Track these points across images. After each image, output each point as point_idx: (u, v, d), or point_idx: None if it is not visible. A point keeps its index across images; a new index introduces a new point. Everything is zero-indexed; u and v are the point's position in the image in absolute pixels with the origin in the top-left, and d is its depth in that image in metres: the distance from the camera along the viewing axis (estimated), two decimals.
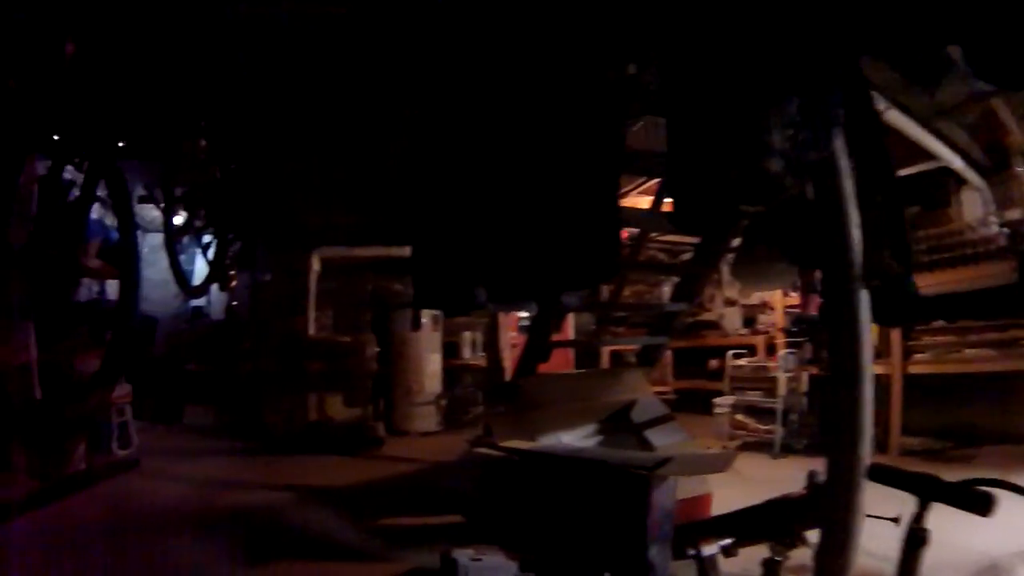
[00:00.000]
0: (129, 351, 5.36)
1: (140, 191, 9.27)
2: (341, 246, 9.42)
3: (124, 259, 5.68)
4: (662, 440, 5.30)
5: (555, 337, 6.55)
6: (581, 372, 8.70)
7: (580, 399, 5.54)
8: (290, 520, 5.54)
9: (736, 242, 5.39)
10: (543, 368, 5.90)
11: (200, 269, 10.92)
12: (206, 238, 9.21)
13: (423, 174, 4.09)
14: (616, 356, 10.29)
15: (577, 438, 5.13)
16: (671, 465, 3.14)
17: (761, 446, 7.40)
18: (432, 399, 10.01)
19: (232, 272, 9.68)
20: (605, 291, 7.56)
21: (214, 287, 10.20)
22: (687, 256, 8.37)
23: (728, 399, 8.19)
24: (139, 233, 8.40)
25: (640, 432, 5.30)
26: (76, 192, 6.51)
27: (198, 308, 12.77)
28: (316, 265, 9.25)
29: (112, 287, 8.22)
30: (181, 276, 7.73)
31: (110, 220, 9.12)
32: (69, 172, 6.61)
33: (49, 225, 6.18)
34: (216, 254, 8.99)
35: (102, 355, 5.82)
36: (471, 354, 10.66)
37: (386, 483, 7.01)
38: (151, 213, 10.47)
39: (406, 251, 7.91)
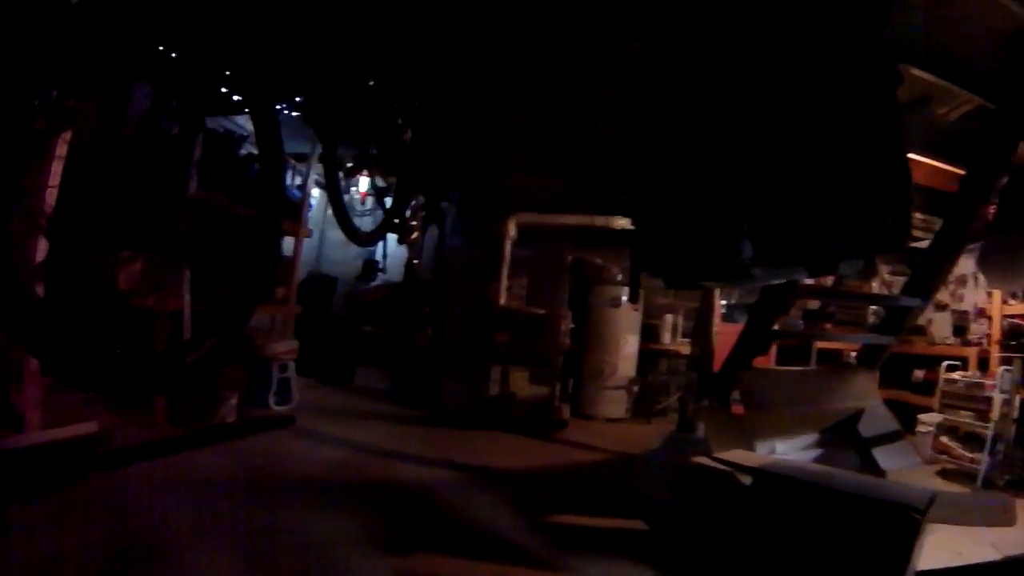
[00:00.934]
0: (249, 305, 4.67)
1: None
2: (541, 212, 8.50)
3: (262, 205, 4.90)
4: (892, 463, 4.74)
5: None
6: (804, 370, 7.39)
7: (802, 402, 4.98)
8: (447, 503, 4.73)
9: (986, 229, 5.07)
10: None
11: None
12: (381, 182, 8.40)
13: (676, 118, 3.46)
14: (823, 355, 9.13)
15: (794, 449, 4.63)
16: (946, 510, 2.84)
17: (962, 476, 6.12)
18: (624, 384, 9.07)
19: (413, 224, 8.78)
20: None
21: (392, 242, 9.50)
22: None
23: (934, 417, 6.77)
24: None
25: (867, 449, 4.75)
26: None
27: (371, 264, 11.86)
28: (512, 231, 8.36)
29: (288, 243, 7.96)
30: (345, 220, 6.73)
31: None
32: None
33: (216, 176, 6.18)
34: (395, 202, 8.01)
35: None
36: (671, 339, 9.56)
37: (563, 472, 6.17)
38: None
39: (613, 221, 7.72)
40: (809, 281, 5.63)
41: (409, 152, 7.33)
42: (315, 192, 10.98)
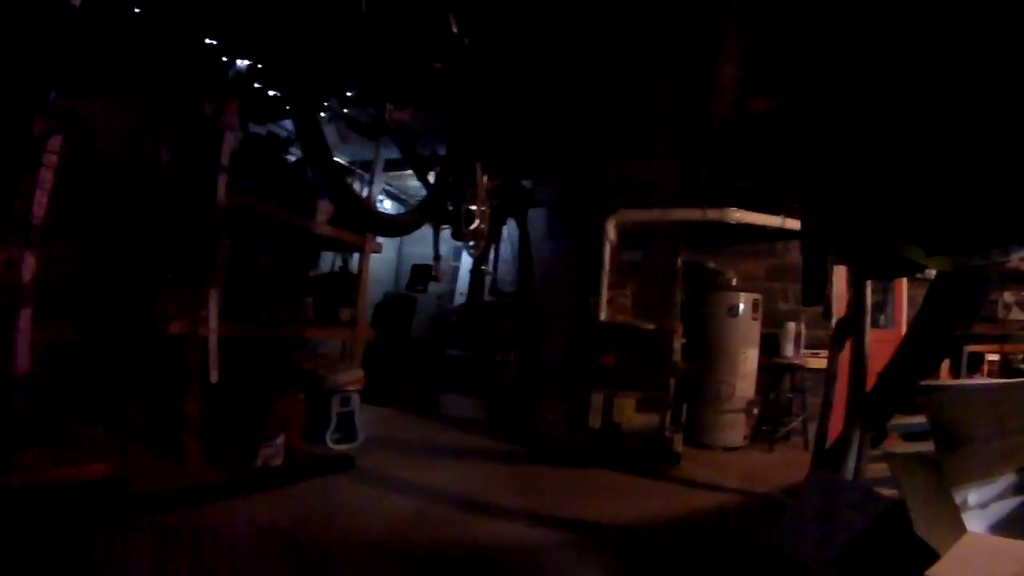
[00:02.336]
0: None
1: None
2: (646, 207, 7.34)
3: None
4: None
5: None
6: (1005, 384, 5.95)
7: (1010, 431, 3.60)
8: None
9: None
10: None
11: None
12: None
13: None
14: (974, 359, 7.78)
15: (991, 495, 3.49)
16: None
17: None
18: (743, 406, 7.86)
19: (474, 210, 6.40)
20: None
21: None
22: None
23: None
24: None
25: None
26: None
27: (422, 270, 9.24)
28: (612, 232, 7.23)
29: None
30: (338, 187, 4.39)
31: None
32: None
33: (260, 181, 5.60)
34: (439, 176, 5.43)
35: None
36: (793, 351, 8.22)
37: (685, 523, 4.94)
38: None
39: (729, 215, 7.20)
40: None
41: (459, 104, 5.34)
42: (387, 204, 10.05)
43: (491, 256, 7.85)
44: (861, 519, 2.97)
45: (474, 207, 5.89)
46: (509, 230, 8.03)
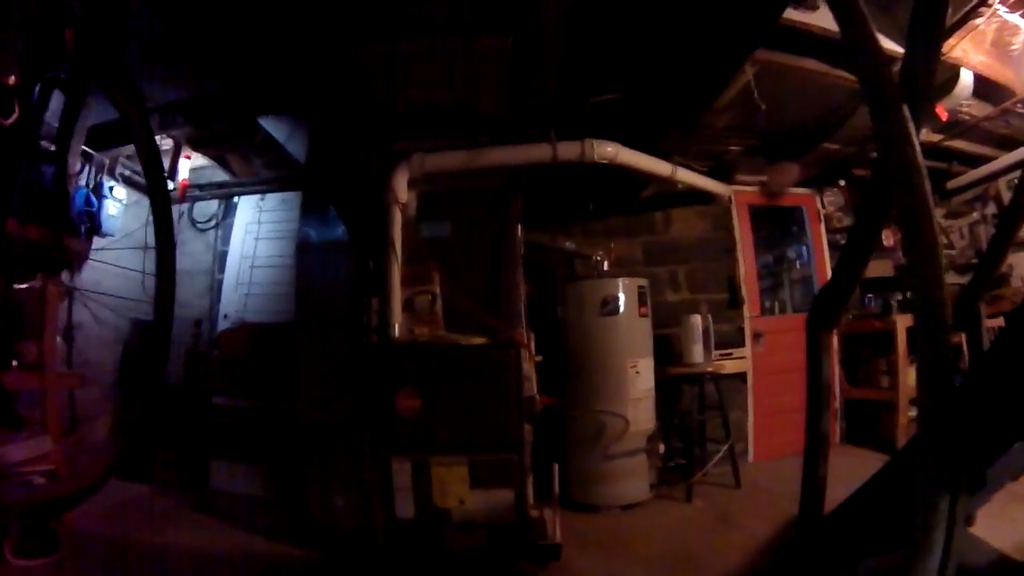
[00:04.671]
0: None
1: None
2: (452, 147, 4.74)
3: None
4: None
5: None
6: None
7: None
8: None
9: None
10: None
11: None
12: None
13: None
14: None
15: None
16: None
17: None
18: (642, 443, 5.43)
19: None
20: None
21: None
22: None
23: None
24: None
25: None
26: None
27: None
28: (403, 192, 4.57)
29: None
30: None
31: None
32: None
33: None
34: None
35: None
36: (703, 356, 5.91)
37: None
38: None
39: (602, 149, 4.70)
40: None
41: None
42: (122, 194, 6.88)
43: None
44: None
45: None
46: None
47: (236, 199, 7.47)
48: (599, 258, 5.65)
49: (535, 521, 3.96)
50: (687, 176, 5.73)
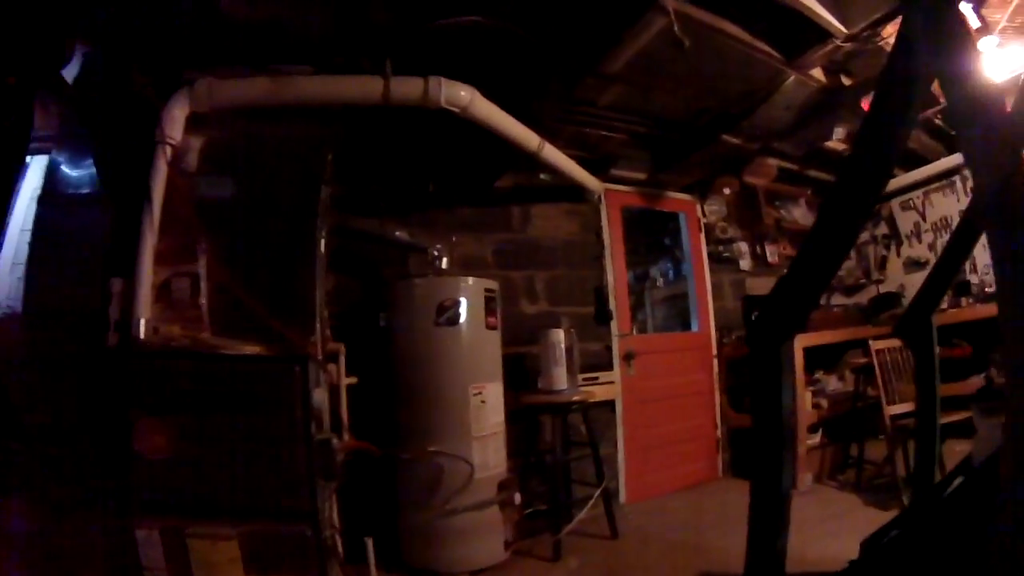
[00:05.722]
0: None
1: None
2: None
3: None
4: None
5: None
6: None
7: None
8: None
9: None
10: None
11: None
12: None
13: None
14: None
15: None
16: None
17: None
18: (492, 492, 4.17)
19: None
20: None
21: None
22: None
23: None
24: None
25: None
26: None
27: None
28: (179, 131, 3.29)
29: None
30: None
31: None
32: None
33: None
34: None
35: None
36: (567, 380, 4.79)
37: None
38: None
39: (452, 94, 3.66)
40: None
41: None
42: None
43: None
44: None
45: None
46: None
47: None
48: (437, 252, 4.41)
49: None
50: (555, 156, 4.62)
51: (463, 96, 3.61)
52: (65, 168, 3.41)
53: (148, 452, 2.68)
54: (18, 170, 3.29)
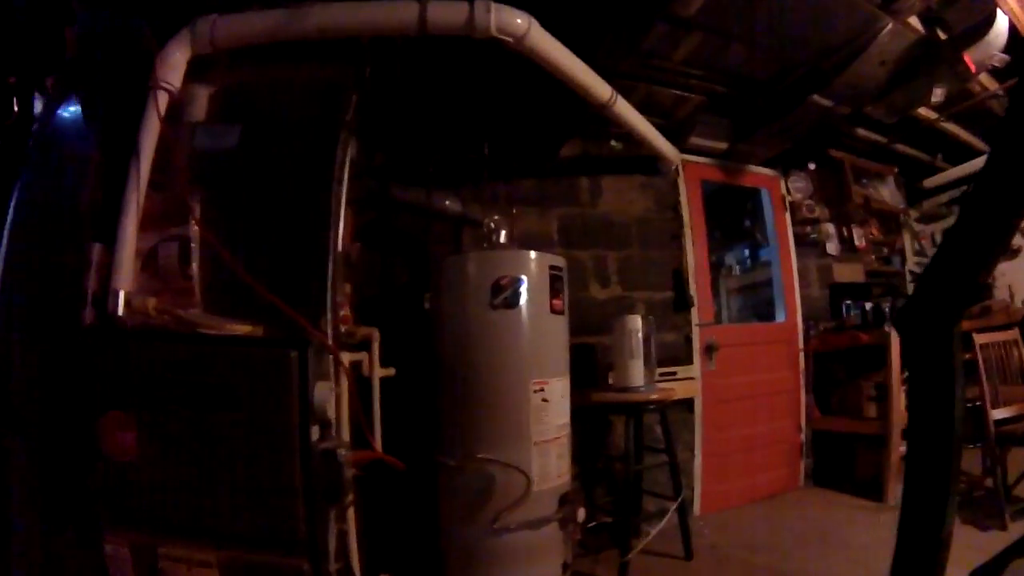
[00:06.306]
0: None
1: None
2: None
3: None
4: None
5: None
6: None
7: None
8: None
9: None
10: None
11: None
12: None
13: None
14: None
15: None
16: None
17: None
18: (551, 509, 3.45)
19: None
20: None
21: None
22: None
23: None
24: None
25: None
26: None
27: None
28: (174, 72, 2.67)
29: None
30: None
31: None
32: None
33: None
34: None
35: None
36: (645, 376, 4.18)
37: None
38: None
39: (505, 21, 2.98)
40: None
41: None
42: None
43: None
44: None
45: None
46: None
47: None
48: (494, 225, 3.79)
49: None
50: (629, 113, 3.98)
51: (519, 24, 2.95)
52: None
53: (114, 453, 2.14)
54: (19, 170, 2.81)
